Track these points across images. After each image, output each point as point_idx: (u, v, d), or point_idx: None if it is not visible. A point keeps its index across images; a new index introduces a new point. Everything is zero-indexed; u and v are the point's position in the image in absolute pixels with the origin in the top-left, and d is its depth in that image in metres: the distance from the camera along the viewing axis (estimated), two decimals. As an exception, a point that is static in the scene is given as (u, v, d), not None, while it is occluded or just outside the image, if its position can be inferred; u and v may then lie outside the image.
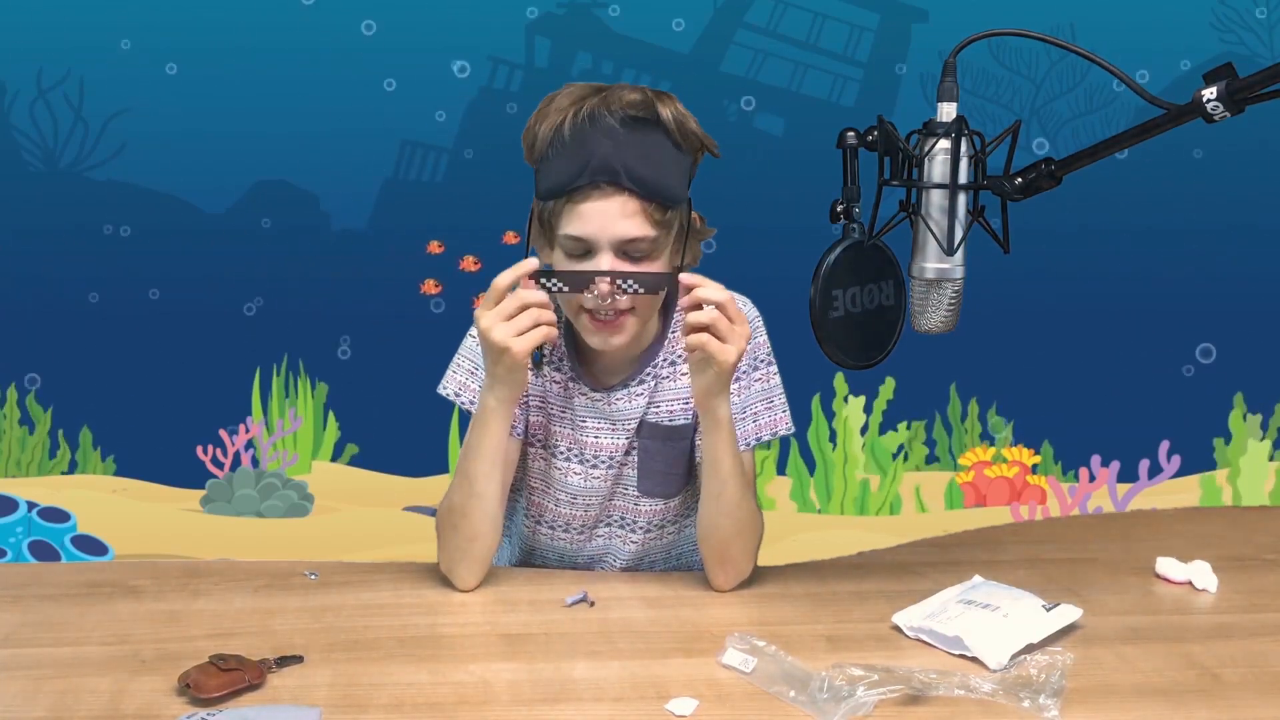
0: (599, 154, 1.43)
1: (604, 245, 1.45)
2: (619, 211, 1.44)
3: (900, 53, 3.59)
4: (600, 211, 1.44)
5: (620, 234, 1.45)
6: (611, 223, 1.44)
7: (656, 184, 1.45)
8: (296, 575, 1.58)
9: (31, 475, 3.60)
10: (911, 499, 3.75)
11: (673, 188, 1.47)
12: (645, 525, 1.65)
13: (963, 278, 1.39)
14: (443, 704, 1.23)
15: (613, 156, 1.43)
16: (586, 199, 1.44)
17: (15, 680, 1.27)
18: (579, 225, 1.45)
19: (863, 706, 1.20)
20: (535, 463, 1.64)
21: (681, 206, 1.50)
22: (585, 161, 1.43)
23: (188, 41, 3.42)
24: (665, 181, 1.46)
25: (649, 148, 1.45)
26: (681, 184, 1.49)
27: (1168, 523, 1.87)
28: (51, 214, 3.48)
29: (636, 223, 1.45)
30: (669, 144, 1.46)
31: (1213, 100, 1.23)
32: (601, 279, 1.43)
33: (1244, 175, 3.55)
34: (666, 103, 1.46)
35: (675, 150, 1.47)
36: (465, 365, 1.60)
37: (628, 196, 1.44)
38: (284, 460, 3.65)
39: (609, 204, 1.44)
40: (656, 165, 1.45)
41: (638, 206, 1.44)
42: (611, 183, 1.43)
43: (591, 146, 1.43)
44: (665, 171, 1.46)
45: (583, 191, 1.44)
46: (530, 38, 3.54)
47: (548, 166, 1.46)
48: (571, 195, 1.44)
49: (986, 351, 3.54)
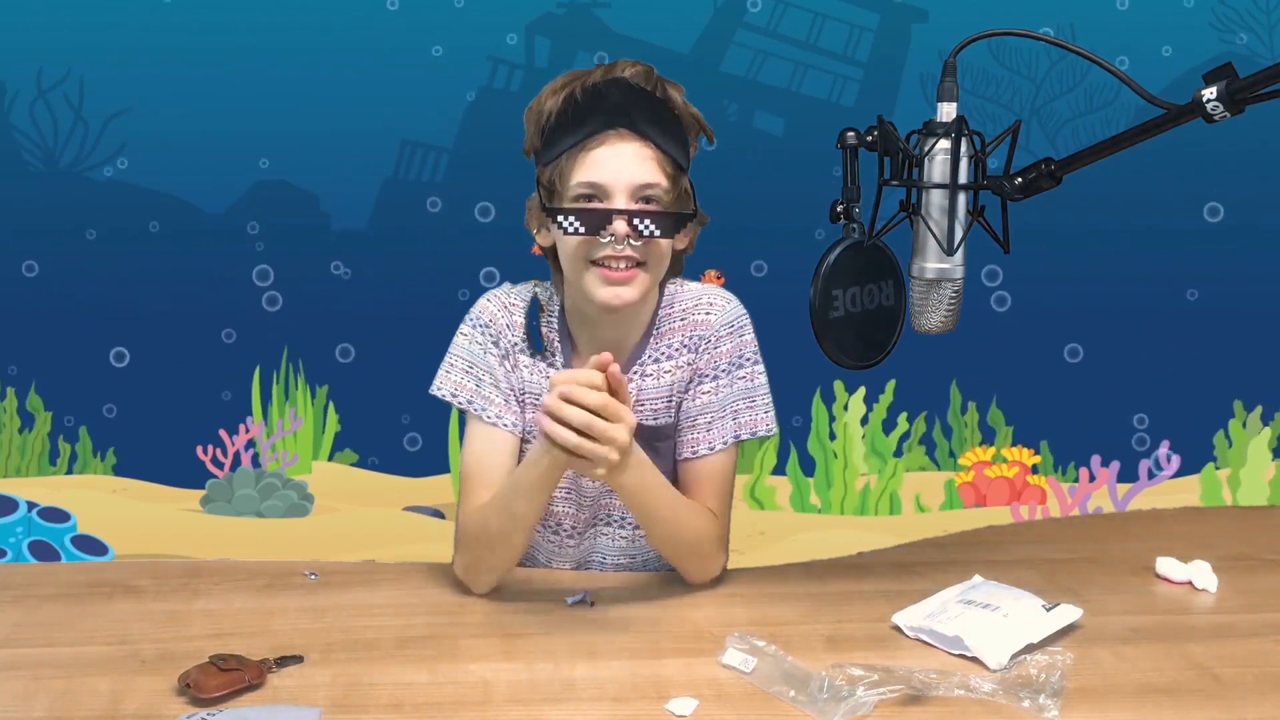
0: (612, 103, 1.44)
1: (619, 190, 1.45)
2: (634, 155, 1.45)
3: (900, 53, 3.59)
4: (615, 155, 1.44)
5: (636, 178, 1.44)
6: (627, 166, 1.44)
7: (667, 140, 1.47)
8: (296, 575, 1.58)
9: (31, 475, 3.61)
10: (911, 499, 3.75)
11: (680, 150, 1.49)
12: (634, 522, 1.64)
13: (963, 278, 1.39)
14: (443, 704, 1.23)
15: (627, 105, 1.45)
16: (601, 144, 1.44)
17: (15, 680, 1.27)
18: (593, 170, 1.44)
19: (863, 706, 1.19)
20: None
21: (686, 177, 1.51)
22: (599, 112, 1.44)
23: (188, 41, 3.42)
24: (673, 143, 1.48)
25: (658, 110, 1.47)
26: (685, 154, 1.50)
27: (1168, 523, 1.87)
28: (51, 214, 3.48)
29: (651, 168, 1.45)
30: (673, 114, 1.49)
31: (1213, 100, 1.23)
32: (619, 217, 1.42)
33: (1244, 175, 3.55)
34: (669, 83, 1.50)
35: (678, 123, 1.49)
36: (459, 364, 1.59)
37: (642, 143, 1.45)
38: (284, 460, 3.65)
39: (624, 147, 1.45)
40: (665, 126, 1.47)
41: (652, 153, 1.45)
42: (628, 127, 1.44)
43: (604, 100, 1.44)
44: (672, 135, 1.48)
45: (597, 137, 1.44)
46: (530, 38, 3.54)
47: (556, 133, 1.47)
48: (585, 143, 1.45)
49: (986, 351, 3.54)
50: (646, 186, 1.45)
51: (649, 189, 1.45)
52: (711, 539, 1.55)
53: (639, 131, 1.44)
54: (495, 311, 1.58)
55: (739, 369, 1.59)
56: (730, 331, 1.58)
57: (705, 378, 1.57)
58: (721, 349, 1.57)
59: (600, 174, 1.44)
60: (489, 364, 1.57)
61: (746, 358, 1.60)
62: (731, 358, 1.58)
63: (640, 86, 1.47)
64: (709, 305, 1.58)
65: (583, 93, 1.45)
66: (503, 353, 1.58)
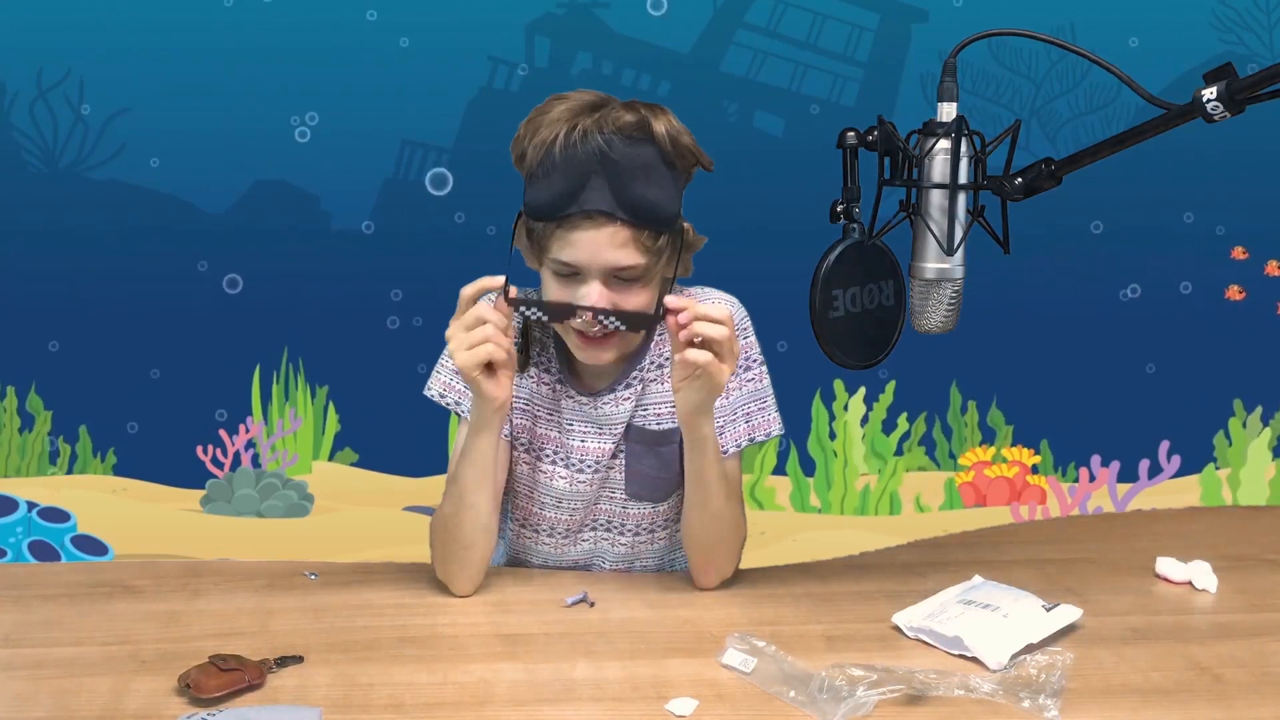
0: (590, 184, 1.40)
1: (594, 273, 1.44)
2: (609, 242, 1.42)
3: (900, 53, 3.59)
4: (591, 241, 1.42)
5: (610, 262, 1.43)
6: (601, 252, 1.43)
7: (648, 211, 1.42)
8: (296, 575, 1.58)
9: (31, 475, 3.60)
10: (911, 499, 3.75)
11: (665, 211, 1.44)
12: (634, 529, 1.65)
13: (963, 278, 1.39)
14: (443, 704, 1.23)
15: (604, 187, 1.40)
16: (576, 228, 1.42)
17: (15, 680, 1.27)
18: (569, 253, 1.44)
19: (863, 706, 1.19)
20: (520, 467, 1.63)
21: (671, 233, 1.48)
22: (575, 190, 1.40)
23: (188, 41, 3.41)
24: (657, 206, 1.43)
25: (641, 170, 1.41)
26: (674, 204, 1.46)
27: (1168, 523, 1.87)
28: (51, 214, 3.47)
29: (627, 252, 1.43)
30: (662, 164, 1.43)
31: (1213, 100, 1.23)
32: (584, 312, 1.42)
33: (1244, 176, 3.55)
34: (660, 119, 1.43)
35: (668, 170, 1.44)
36: (448, 365, 1.60)
37: (619, 226, 1.41)
38: (284, 460, 3.65)
39: (600, 234, 1.42)
40: (649, 190, 1.41)
41: (629, 236, 1.42)
42: (606, 214, 1.41)
43: (583, 170, 1.40)
44: (658, 195, 1.43)
45: (572, 220, 1.42)
46: (530, 38, 3.54)
47: (537, 184, 1.44)
48: (562, 223, 1.42)
49: (986, 351, 3.54)
50: (623, 270, 1.44)
51: (625, 270, 1.44)
52: (742, 538, 1.56)
53: (618, 217, 1.41)
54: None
55: (746, 371, 1.60)
56: (737, 334, 1.58)
57: None
58: None
59: (576, 256, 1.44)
60: None
61: (753, 359, 1.60)
62: (740, 361, 1.58)
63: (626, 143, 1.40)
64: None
65: (563, 150, 1.40)
66: None
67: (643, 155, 1.41)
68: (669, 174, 1.44)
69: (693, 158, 1.46)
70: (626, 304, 1.46)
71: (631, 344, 1.55)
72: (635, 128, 1.41)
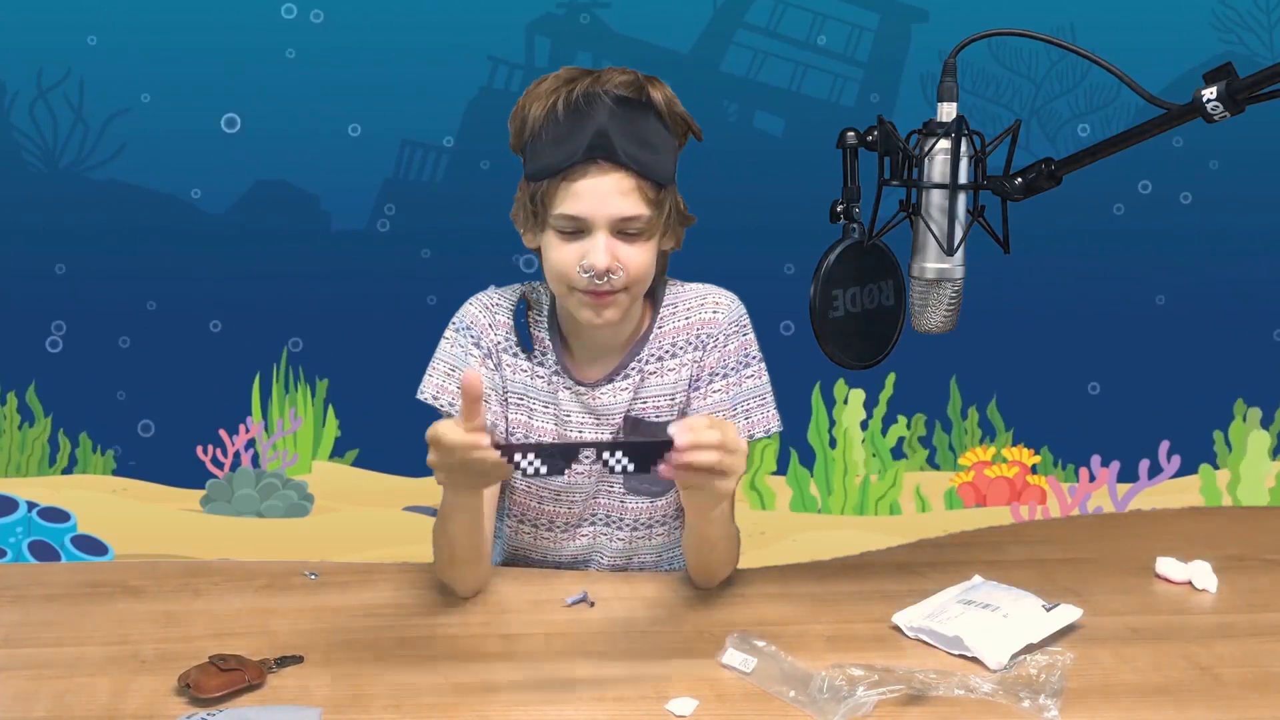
0: (594, 129, 1.42)
1: (600, 223, 1.44)
2: (615, 188, 1.43)
3: (900, 53, 3.59)
4: (596, 188, 1.43)
5: (616, 212, 1.44)
6: (607, 200, 1.44)
7: (650, 163, 1.45)
8: (296, 575, 1.58)
9: (31, 475, 3.61)
10: (911, 499, 3.75)
11: (664, 168, 1.47)
12: (632, 524, 1.64)
13: (963, 278, 1.39)
14: (443, 704, 1.23)
15: (608, 132, 1.42)
16: (583, 175, 1.43)
17: (15, 680, 1.27)
18: (574, 203, 1.44)
19: (863, 706, 1.19)
20: None
21: (671, 188, 1.50)
22: (580, 141, 1.43)
23: (188, 41, 3.42)
24: (658, 159, 1.46)
25: (641, 127, 1.45)
26: (671, 164, 1.49)
27: (1168, 523, 1.87)
28: (51, 214, 3.48)
29: (632, 200, 1.44)
30: (660, 125, 1.47)
31: (1213, 100, 1.23)
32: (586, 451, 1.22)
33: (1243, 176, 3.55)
34: (656, 85, 1.47)
35: (665, 131, 1.47)
36: (441, 368, 1.60)
37: (623, 174, 1.43)
38: (284, 460, 3.65)
39: (605, 180, 1.43)
40: (649, 145, 1.45)
41: (633, 184, 1.44)
42: (608, 159, 1.43)
43: (586, 123, 1.43)
44: (657, 151, 1.46)
45: (578, 168, 1.43)
46: (530, 38, 3.54)
47: (539, 147, 1.46)
48: (566, 173, 1.44)
49: (986, 351, 3.54)
50: (627, 219, 1.45)
51: (630, 221, 1.45)
52: (738, 544, 1.56)
53: (621, 161, 1.43)
54: (476, 314, 1.59)
55: (746, 367, 1.60)
56: (737, 330, 1.59)
57: (715, 376, 1.58)
58: (730, 347, 1.58)
59: (581, 207, 1.44)
60: (470, 367, 1.57)
61: (752, 356, 1.61)
62: (739, 356, 1.58)
63: (625, 97, 1.44)
64: (715, 304, 1.59)
65: (565, 107, 1.43)
66: (485, 352, 1.58)
67: (641, 113, 1.45)
68: (665, 135, 1.47)
69: (685, 124, 1.50)
70: (630, 261, 1.46)
71: (635, 299, 1.53)
72: (632, 87, 1.45)
